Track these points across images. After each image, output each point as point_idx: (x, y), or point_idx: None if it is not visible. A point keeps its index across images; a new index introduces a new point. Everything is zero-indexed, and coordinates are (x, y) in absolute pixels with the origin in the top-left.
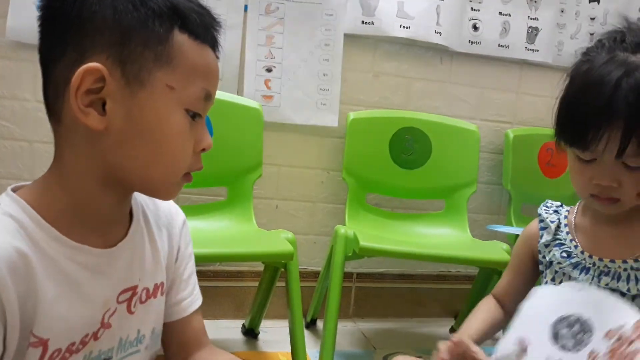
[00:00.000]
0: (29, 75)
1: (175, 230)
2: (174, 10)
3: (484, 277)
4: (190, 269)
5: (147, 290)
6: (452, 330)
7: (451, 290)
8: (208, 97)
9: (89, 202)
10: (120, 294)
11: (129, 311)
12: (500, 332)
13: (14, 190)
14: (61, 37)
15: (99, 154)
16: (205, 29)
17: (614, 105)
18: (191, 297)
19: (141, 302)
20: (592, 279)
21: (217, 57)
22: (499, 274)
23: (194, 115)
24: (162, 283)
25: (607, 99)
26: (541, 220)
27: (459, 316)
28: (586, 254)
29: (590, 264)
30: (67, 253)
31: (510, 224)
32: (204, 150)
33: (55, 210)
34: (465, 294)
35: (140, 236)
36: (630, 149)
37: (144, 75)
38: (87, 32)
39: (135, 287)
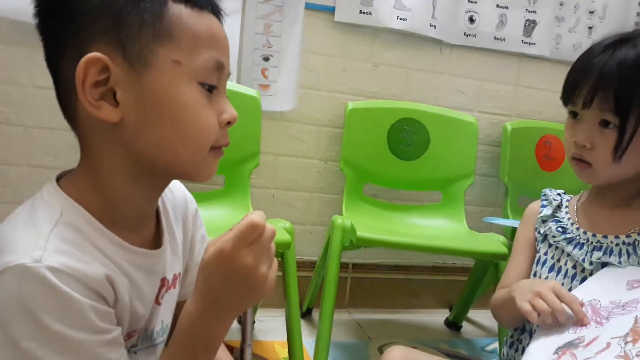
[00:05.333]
0: (25, 60)
1: (189, 219)
2: None
3: (480, 269)
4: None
5: (168, 281)
6: (447, 321)
7: (446, 282)
8: (220, 66)
9: (123, 200)
10: (158, 291)
11: (157, 302)
12: None
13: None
14: (58, 35)
15: (121, 146)
16: None
17: (594, 67)
18: None
19: (164, 292)
20: (586, 253)
21: (221, 23)
22: (495, 265)
23: (210, 89)
24: (179, 273)
25: (587, 62)
26: (545, 199)
27: (454, 308)
28: (581, 231)
29: (584, 239)
30: (127, 257)
31: (506, 217)
32: (229, 124)
33: (97, 211)
34: (460, 285)
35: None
36: (596, 102)
37: (146, 55)
38: (81, 24)
39: (164, 279)
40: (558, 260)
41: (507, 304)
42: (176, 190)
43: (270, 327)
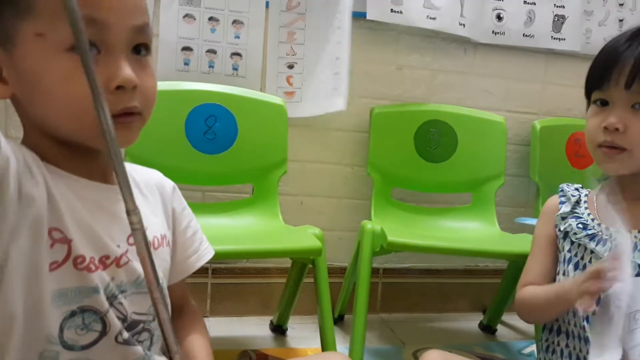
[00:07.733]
0: None
1: (167, 191)
2: None
3: (514, 270)
4: (193, 227)
5: (156, 238)
6: (481, 325)
7: (479, 285)
8: (91, 22)
9: (57, 153)
10: (129, 236)
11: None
12: None
13: None
14: None
15: (27, 118)
16: None
17: (627, 51)
18: (197, 253)
19: (154, 248)
20: (609, 250)
21: None
22: None
23: (91, 48)
24: (165, 235)
25: (622, 46)
26: (562, 195)
27: (488, 311)
28: (603, 226)
29: (607, 235)
30: (68, 184)
31: (538, 216)
32: (120, 88)
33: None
34: (493, 288)
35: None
36: (637, 84)
37: (11, 33)
38: None
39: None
40: (582, 258)
41: (552, 302)
42: (151, 172)
43: (303, 334)
